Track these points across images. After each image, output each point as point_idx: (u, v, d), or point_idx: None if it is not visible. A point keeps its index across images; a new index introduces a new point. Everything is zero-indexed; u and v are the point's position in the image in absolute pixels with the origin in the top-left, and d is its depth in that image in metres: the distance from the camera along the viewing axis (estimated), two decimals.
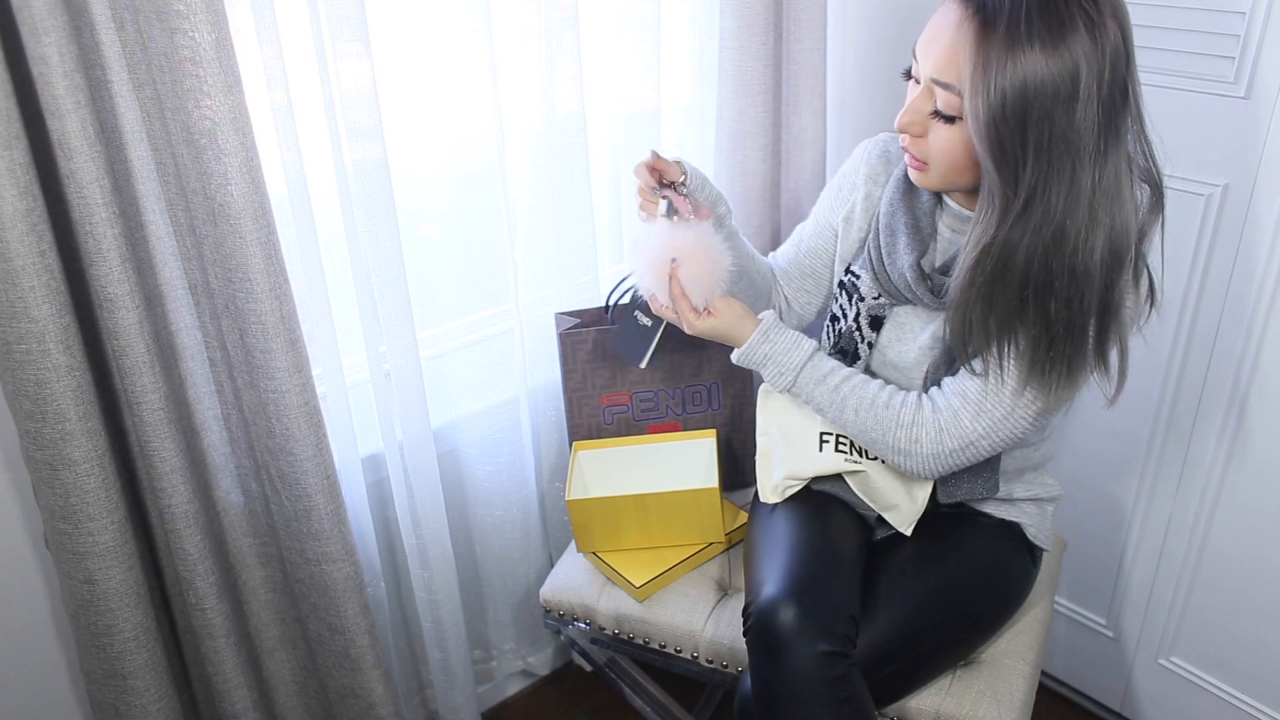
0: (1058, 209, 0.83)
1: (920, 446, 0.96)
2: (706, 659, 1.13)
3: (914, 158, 0.93)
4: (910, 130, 0.90)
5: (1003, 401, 0.92)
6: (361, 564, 1.12)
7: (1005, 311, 0.88)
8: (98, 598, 0.95)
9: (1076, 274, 0.84)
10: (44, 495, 0.93)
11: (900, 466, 0.99)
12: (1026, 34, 0.78)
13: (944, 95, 0.86)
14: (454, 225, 1.23)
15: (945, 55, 0.84)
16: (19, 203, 0.81)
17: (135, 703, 1.00)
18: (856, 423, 0.98)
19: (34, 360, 0.86)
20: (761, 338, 1.00)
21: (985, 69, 0.80)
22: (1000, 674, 1.04)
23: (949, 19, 0.84)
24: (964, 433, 0.94)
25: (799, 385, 1.00)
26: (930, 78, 0.86)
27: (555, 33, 1.12)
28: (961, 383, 0.95)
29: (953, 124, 0.87)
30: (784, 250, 1.17)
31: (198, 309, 0.96)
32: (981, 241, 0.86)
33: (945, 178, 0.92)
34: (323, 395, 1.07)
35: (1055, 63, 0.79)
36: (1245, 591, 1.25)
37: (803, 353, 1.00)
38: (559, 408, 1.33)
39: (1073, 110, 0.80)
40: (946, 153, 0.89)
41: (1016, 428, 0.94)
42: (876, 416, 0.97)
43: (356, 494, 1.18)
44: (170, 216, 0.91)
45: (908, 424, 0.96)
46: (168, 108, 0.86)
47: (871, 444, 0.99)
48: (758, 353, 1.00)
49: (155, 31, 0.82)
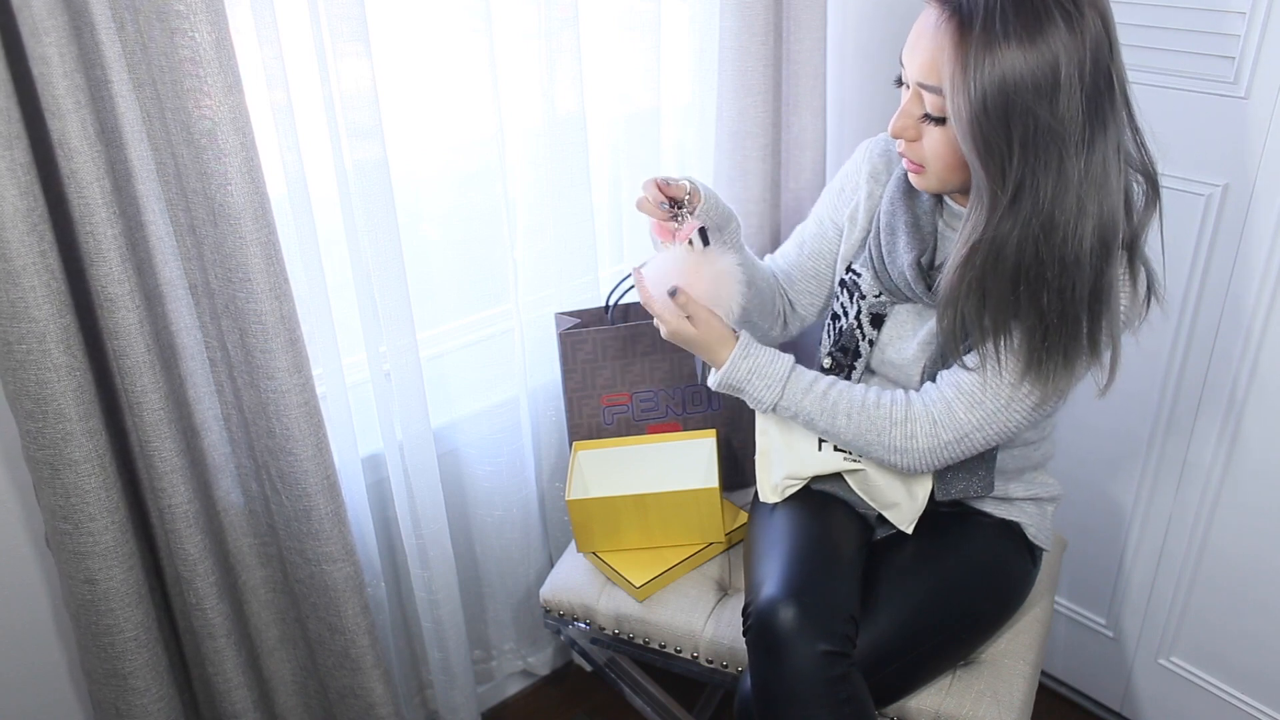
0: (1046, 200, 0.83)
1: (916, 441, 0.95)
2: (706, 659, 1.13)
3: (911, 161, 0.93)
4: (904, 135, 0.91)
5: (1000, 393, 0.92)
6: (362, 564, 1.12)
7: (999, 305, 0.88)
8: (99, 598, 0.95)
9: (1067, 263, 0.85)
10: (45, 495, 0.93)
11: (897, 465, 0.98)
12: (1003, 31, 0.79)
13: (930, 98, 0.87)
14: (454, 225, 1.23)
15: (926, 58, 0.85)
16: (20, 202, 0.81)
17: (136, 703, 1.00)
18: (849, 427, 0.97)
19: (35, 360, 0.86)
20: (742, 353, 0.97)
21: (964, 69, 0.81)
22: (1000, 674, 1.04)
23: (928, 23, 0.85)
24: (959, 424, 0.94)
25: (786, 396, 0.98)
26: (916, 82, 0.87)
27: (555, 33, 1.12)
28: (955, 375, 0.95)
29: (942, 125, 0.88)
30: (785, 252, 1.17)
31: (198, 309, 0.96)
32: (971, 238, 0.87)
33: (942, 179, 0.93)
34: (323, 395, 1.07)
35: (1034, 57, 0.79)
36: (1245, 591, 1.25)
37: (785, 364, 0.98)
38: (559, 408, 1.33)
39: (1055, 102, 0.80)
40: (939, 154, 0.90)
41: (1013, 420, 0.93)
42: (869, 417, 0.96)
43: (357, 494, 1.18)
44: (170, 216, 0.92)
45: (901, 420, 0.95)
46: (168, 108, 0.86)
47: (867, 446, 0.98)
48: (740, 369, 0.97)
49: (155, 31, 0.82)
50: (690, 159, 1.38)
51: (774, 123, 1.31)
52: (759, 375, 0.97)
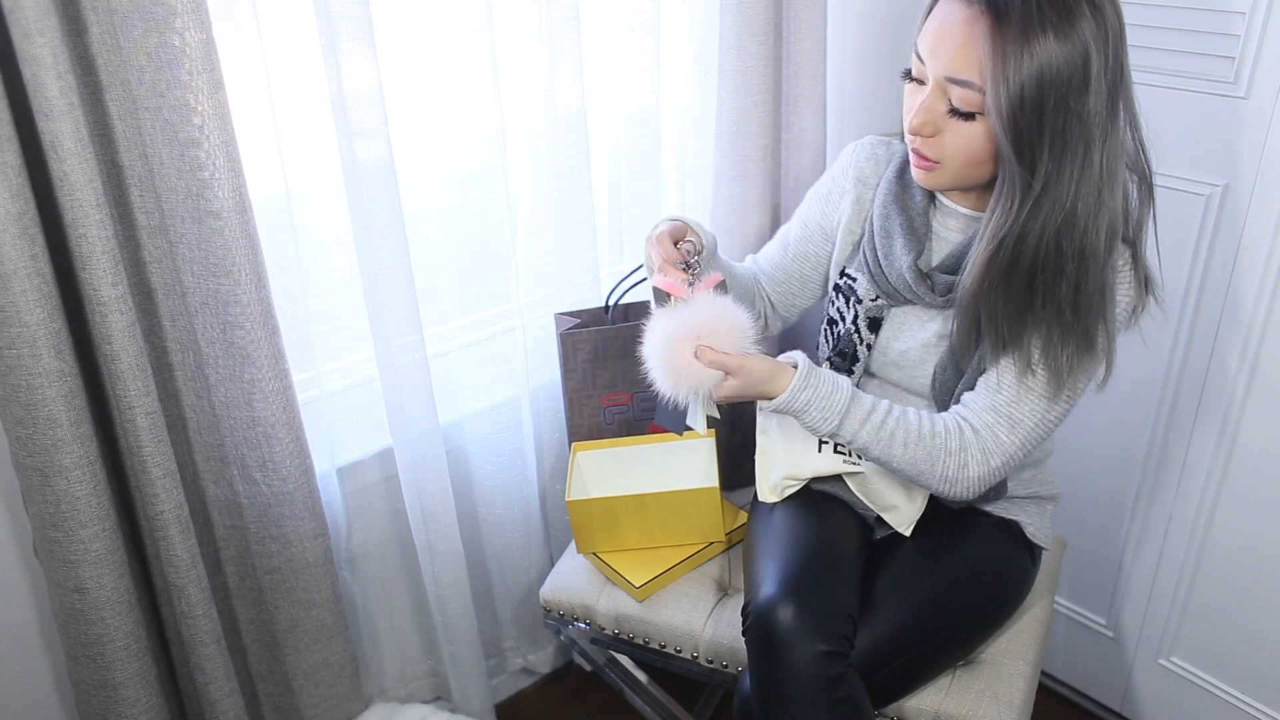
0: (1071, 193, 0.84)
1: (968, 471, 0.94)
2: (706, 659, 1.13)
3: (924, 159, 0.92)
4: (923, 131, 0.89)
5: (1035, 409, 0.93)
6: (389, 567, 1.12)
7: (1018, 302, 0.88)
8: (88, 606, 0.94)
9: (1085, 256, 0.86)
10: (34, 502, 0.91)
11: (945, 494, 0.97)
12: (1040, 23, 0.79)
13: (960, 92, 0.85)
14: (455, 225, 1.23)
15: (959, 53, 0.84)
16: (11, 205, 0.80)
17: (126, 713, 0.99)
18: (905, 457, 0.94)
19: (25, 365, 0.85)
20: (803, 384, 0.92)
21: (1004, 62, 0.80)
22: (1000, 674, 1.04)
23: (955, 17, 0.84)
24: (1005, 449, 0.94)
25: (844, 427, 0.93)
26: (944, 76, 0.86)
27: (556, 32, 1.12)
28: (989, 399, 0.94)
29: (971, 120, 0.86)
30: (769, 254, 1.16)
31: (187, 310, 0.96)
32: (999, 234, 0.86)
33: (959, 175, 0.91)
34: (329, 394, 1.07)
35: (1067, 49, 0.80)
36: (1245, 591, 1.25)
37: (842, 396, 0.93)
38: (560, 407, 1.32)
39: (1085, 94, 0.81)
40: (964, 149, 0.88)
41: (1047, 430, 0.95)
42: (925, 448, 0.94)
43: (365, 491, 1.18)
44: (158, 216, 0.91)
45: (955, 450, 0.94)
46: (152, 107, 0.85)
47: (919, 475, 0.95)
48: (799, 400, 0.92)
49: (137, 31, 0.81)
50: (690, 159, 1.37)
51: (774, 123, 1.31)
52: (815, 407, 0.93)
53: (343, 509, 1.22)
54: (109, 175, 0.88)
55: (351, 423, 1.21)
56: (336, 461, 1.19)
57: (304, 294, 1.09)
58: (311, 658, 1.14)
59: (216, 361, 0.97)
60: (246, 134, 0.92)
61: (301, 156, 1.04)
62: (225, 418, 1.00)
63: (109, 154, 0.87)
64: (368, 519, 1.26)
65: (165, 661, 1.09)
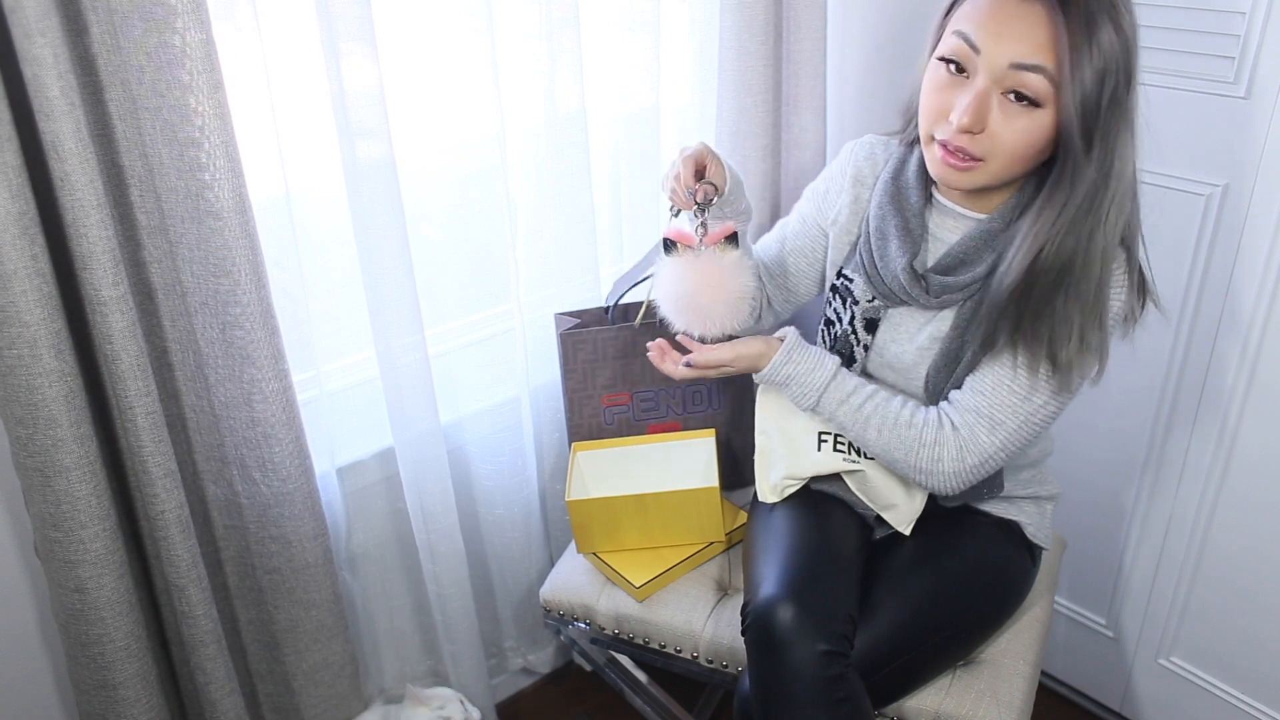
0: (1115, 187, 0.84)
1: (942, 465, 0.96)
2: (706, 659, 1.13)
3: (967, 158, 0.87)
4: (975, 127, 0.85)
5: (1019, 412, 0.93)
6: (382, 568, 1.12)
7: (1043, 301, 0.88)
8: (89, 606, 0.94)
9: (1106, 252, 0.86)
10: (35, 503, 0.91)
11: (922, 485, 0.99)
12: (1099, 11, 0.80)
13: (1033, 79, 0.82)
14: (455, 225, 1.23)
15: (1028, 39, 0.82)
16: (11, 205, 0.80)
17: (126, 713, 0.99)
18: (879, 441, 0.98)
19: (25, 366, 0.85)
20: (784, 358, 0.99)
21: (1076, 49, 0.80)
22: (1000, 674, 1.04)
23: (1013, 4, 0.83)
24: (982, 449, 0.95)
25: (822, 405, 1.00)
26: (1013, 63, 0.83)
27: (556, 32, 1.12)
28: (974, 399, 0.95)
29: (1035, 109, 0.84)
30: (767, 245, 1.16)
31: (187, 310, 0.96)
32: (1053, 233, 0.85)
33: (1002, 171, 0.88)
34: (329, 394, 1.07)
35: (1120, 39, 0.81)
36: (1245, 591, 1.25)
37: (825, 372, 0.99)
38: (560, 407, 1.32)
39: (1131, 85, 0.82)
40: (1020, 142, 0.85)
41: (1033, 432, 0.94)
42: (900, 436, 0.97)
43: (365, 491, 1.18)
44: (158, 216, 0.91)
45: (930, 443, 0.96)
46: (152, 107, 0.85)
47: (894, 462, 0.99)
48: (780, 373, 1.00)
49: (137, 31, 0.81)
50: None
51: (774, 123, 1.31)
52: (796, 382, 1.00)
53: (343, 509, 1.22)
54: (109, 175, 0.88)
55: (351, 423, 1.21)
56: (336, 461, 1.19)
57: (304, 294, 1.09)
58: (311, 658, 1.15)
59: (216, 361, 0.97)
60: (246, 134, 0.92)
61: (302, 156, 1.04)
62: (225, 418, 1.00)
63: (109, 154, 0.87)
64: (368, 519, 1.27)
65: (165, 661, 1.09)
